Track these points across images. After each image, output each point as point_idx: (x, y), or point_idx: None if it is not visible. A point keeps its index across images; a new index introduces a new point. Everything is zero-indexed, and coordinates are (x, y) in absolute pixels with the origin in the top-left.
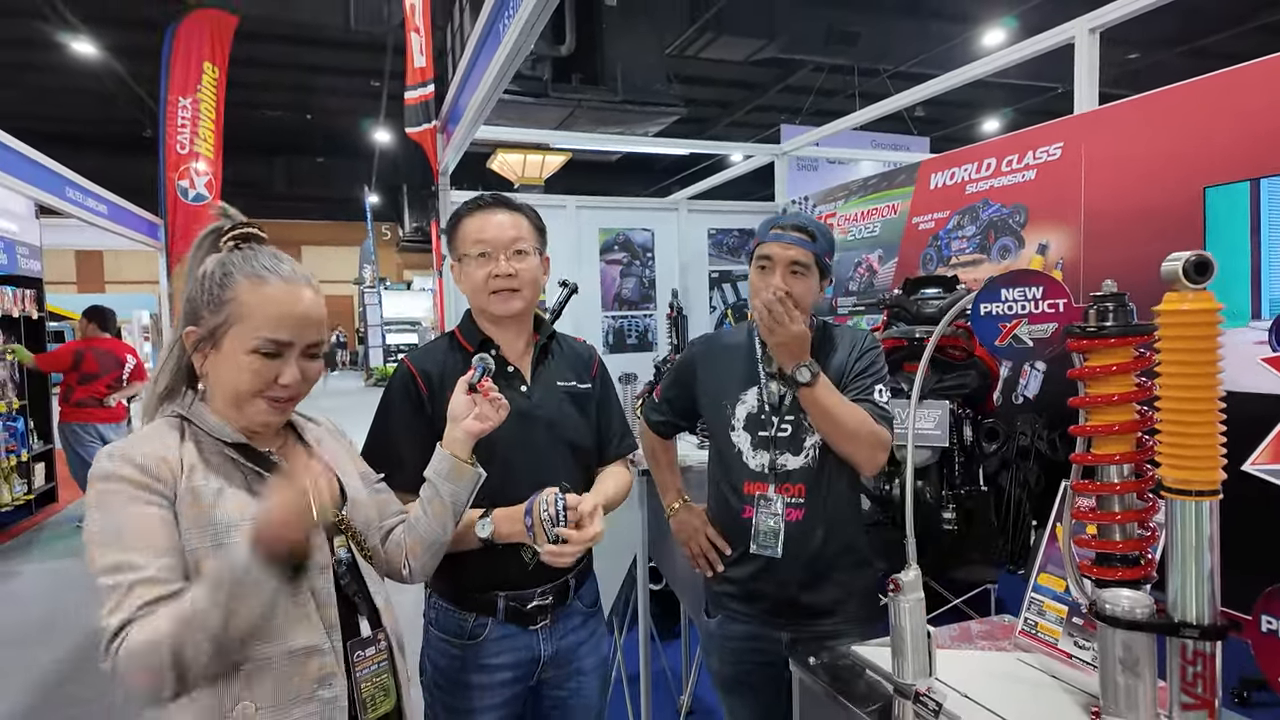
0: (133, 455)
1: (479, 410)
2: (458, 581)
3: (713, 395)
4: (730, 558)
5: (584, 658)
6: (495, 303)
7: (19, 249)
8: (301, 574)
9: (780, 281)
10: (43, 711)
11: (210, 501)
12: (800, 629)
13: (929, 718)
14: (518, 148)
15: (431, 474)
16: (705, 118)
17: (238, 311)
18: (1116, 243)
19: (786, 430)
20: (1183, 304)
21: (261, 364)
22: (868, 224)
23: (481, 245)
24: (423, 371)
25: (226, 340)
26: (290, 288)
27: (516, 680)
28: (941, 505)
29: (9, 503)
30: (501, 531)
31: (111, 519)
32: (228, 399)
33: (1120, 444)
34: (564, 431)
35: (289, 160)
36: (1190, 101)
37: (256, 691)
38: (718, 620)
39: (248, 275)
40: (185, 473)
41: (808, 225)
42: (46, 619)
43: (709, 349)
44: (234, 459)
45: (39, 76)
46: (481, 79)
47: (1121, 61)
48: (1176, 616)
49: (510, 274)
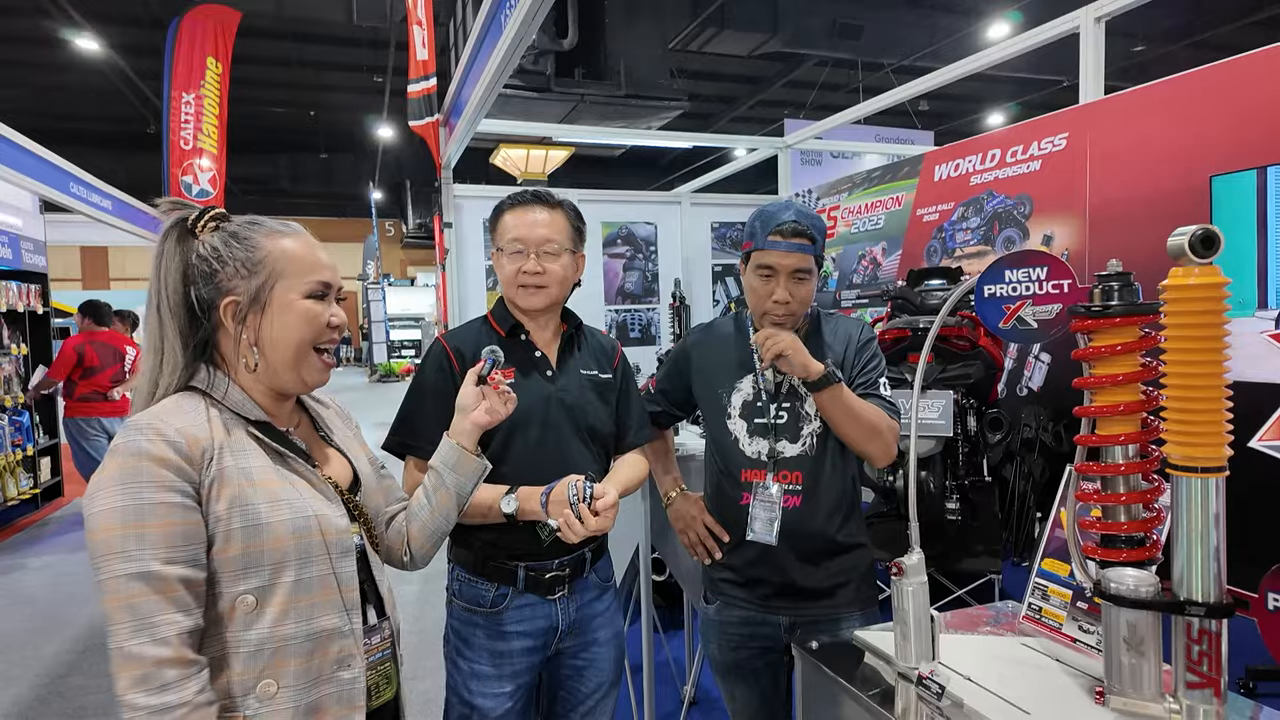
0: (164, 430)
1: (488, 403)
2: (479, 553)
3: (708, 384)
4: (728, 545)
5: (599, 629)
6: (521, 296)
7: (24, 244)
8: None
9: (785, 294)
10: (48, 703)
11: (242, 481)
12: (798, 613)
13: (932, 701)
14: (521, 143)
15: (438, 463)
16: (709, 113)
17: (277, 266)
18: (1122, 232)
19: (783, 418)
20: (1189, 279)
21: (318, 306)
22: (872, 216)
23: (516, 243)
24: (456, 349)
25: (275, 295)
26: (306, 237)
27: (535, 649)
28: (946, 496)
29: (14, 497)
30: (525, 508)
31: (134, 500)
32: (286, 361)
33: (1125, 424)
34: (585, 416)
35: (293, 157)
36: (1196, 90)
37: (279, 670)
38: (716, 606)
39: (266, 234)
40: (216, 452)
41: (807, 229)
42: (51, 612)
43: (702, 339)
44: (257, 437)
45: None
46: (484, 70)
47: (1127, 54)
48: (1182, 595)
49: (538, 271)
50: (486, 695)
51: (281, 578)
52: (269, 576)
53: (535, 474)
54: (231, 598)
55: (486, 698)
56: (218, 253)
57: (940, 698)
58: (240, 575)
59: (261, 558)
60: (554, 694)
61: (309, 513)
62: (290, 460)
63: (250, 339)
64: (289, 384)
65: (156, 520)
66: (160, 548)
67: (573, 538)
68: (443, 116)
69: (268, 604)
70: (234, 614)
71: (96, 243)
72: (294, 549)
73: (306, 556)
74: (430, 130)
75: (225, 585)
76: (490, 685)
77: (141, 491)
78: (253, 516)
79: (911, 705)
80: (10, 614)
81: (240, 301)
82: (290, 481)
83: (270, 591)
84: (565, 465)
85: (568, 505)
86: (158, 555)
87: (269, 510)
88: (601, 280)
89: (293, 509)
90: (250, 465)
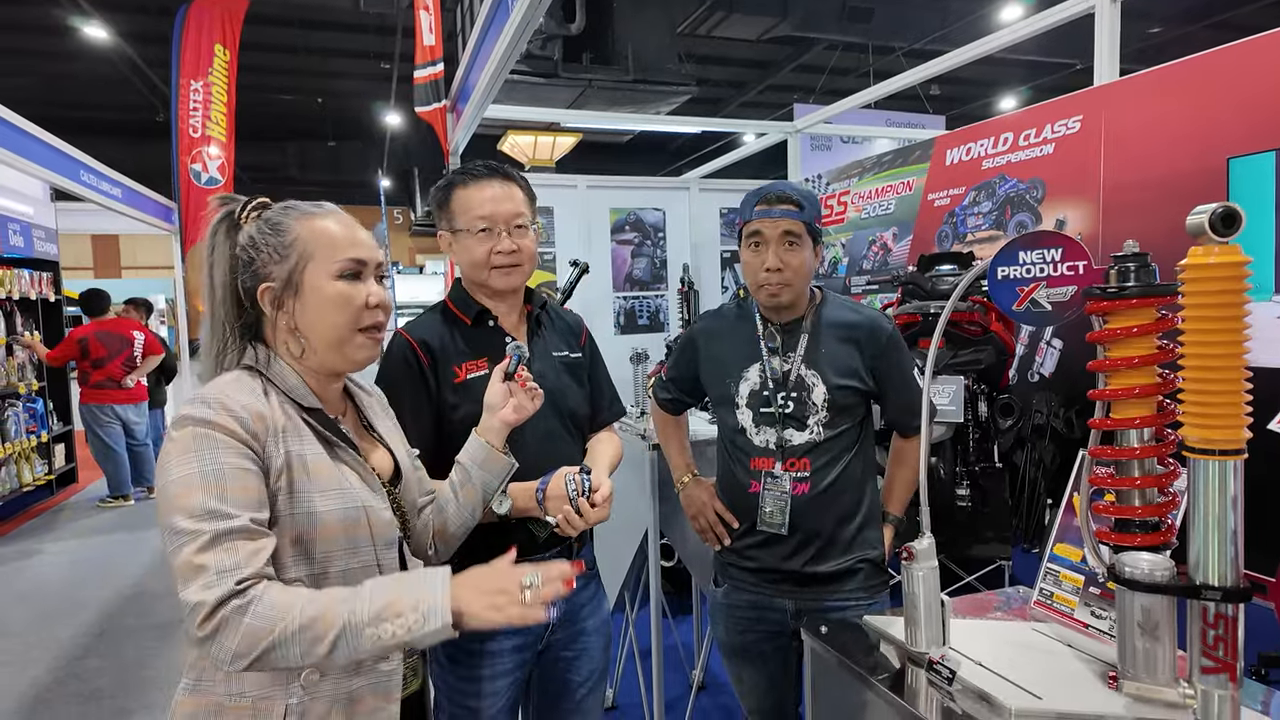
0: (230, 405)
1: (515, 400)
2: (471, 553)
3: (716, 373)
4: (738, 531)
5: (587, 618)
6: (496, 278)
7: (35, 232)
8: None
9: (776, 259)
10: (64, 684)
11: (299, 468)
12: (805, 600)
13: (942, 685)
14: (528, 129)
15: (466, 460)
16: (718, 98)
17: (307, 248)
18: (1136, 216)
19: (789, 406)
20: (1209, 257)
21: (350, 287)
22: (882, 201)
23: (483, 221)
24: (421, 341)
25: (307, 278)
26: (340, 215)
27: (527, 645)
28: (956, 482)
29: (29, 483)
30: (518, 506)
31: (212, 463)
32: (328, 342)
33: (1141, 408)
34: (563, 402)
35: (301, 145)
36: (1213, 71)
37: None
38: (724, 589)
39: (298, 217)
40: (279, 434)
41: (792, 194)
42: (67, 596)
43: (710, 326)
44: (311, 424)
45: (52, 62)
46: (491, 55)
47: (1143, 36)
48: (1198, 579)
49: (514, 250)
50: (476, 695)
51: (330, 567)
52: (319, 565)
53: (525, 467)
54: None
55: (476, 698)
56: (254, 240)
57: (951, 682)
58: (291, 563)
59: (313, 546)
60: (546, 687)
61: (358, 503)
62: (340, 450)
63: (289, 324)
64: (337, 364)
65: (234, 483)
66: (241, 507)
67: (572, 532)
68: (450, 102)
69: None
70: None
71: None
72: (343, 539)
73: (354, 547)
74: (437, 116)
75: (277, 572)
76: (480, 685)
77: (218, 454)
78: (307, 504)
79: (922, 689)
80: (26, 598)
81: (275, 287)
82: (341, 472)
83: (319, 581)
84: (551, 455)
85: (566, 500)
86: (241, 515)
87: (322, 499)
88: (609, 267)
89: (344, 499)
90: (306, 452)
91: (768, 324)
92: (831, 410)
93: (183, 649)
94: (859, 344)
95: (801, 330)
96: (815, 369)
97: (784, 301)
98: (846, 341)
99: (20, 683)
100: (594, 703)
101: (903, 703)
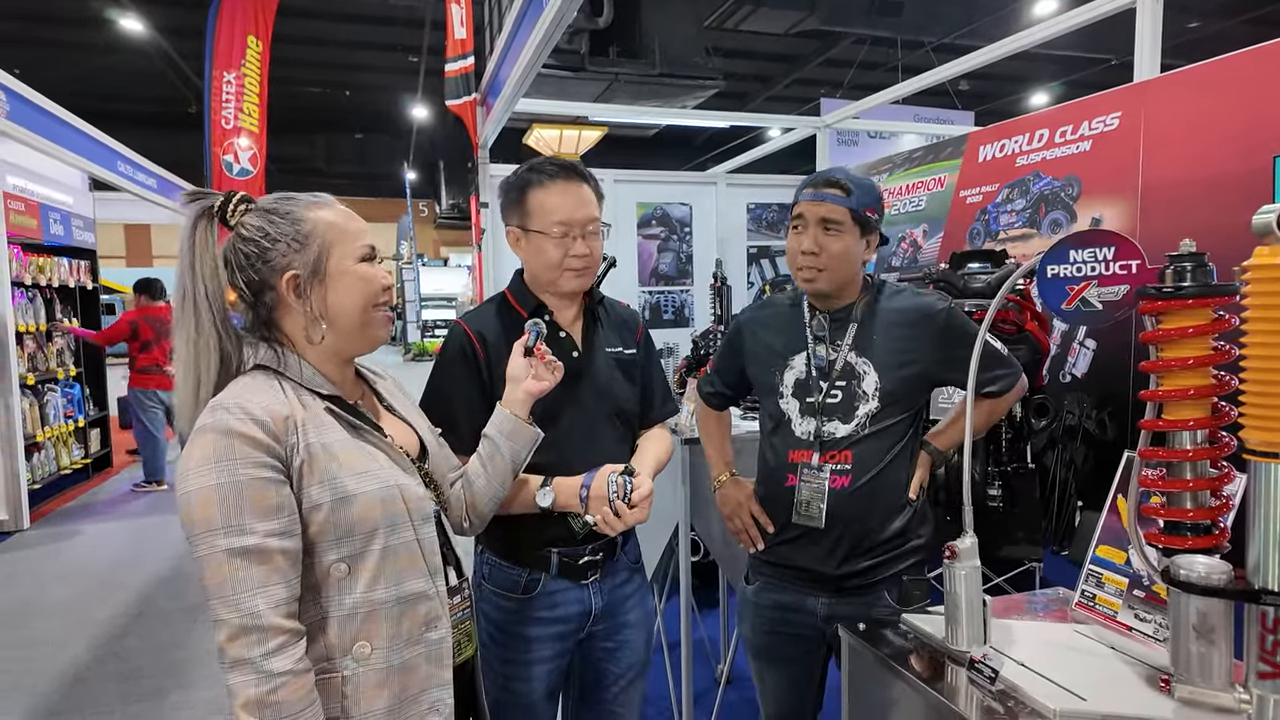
0: (252, 410)
1: (536, 371)
2: (513, 540)
3: (761, 363)
4: (772, 532)
5: (629, 611)
6: (569, 280)
7: (74, 221)
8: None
9: (812, 243)
10: (104, 663)
11: (326, 456)
12: (837, 603)
13: (984, 684)
14: (554, 123)
15: (494, 431)
16: (744, 92)
17: (327, 236)
18: (1176, 215)
19: (836, 396)
20: (1276, 258)
21: (371, 269)
22: (913, 198)
23: (561, 226)
24: (478, 333)
25: (331, 263)
26: (341, 206)
27: (568, 633)
28: (987, 482)
29: (67, 467)
30: (561, 501)
31: (229, 476)
32: (354, 323)
33: (1195, 409)
34: (613, 398)
35: (328, 137)
36: (1258, 67)
37: (372, 633)
38: (755, 587)
39: (306, 207)
40: (301, 429)
41: (841, 180)
42: (104, 577)
43: (756, 316)
44: (333, 411)
45: (89, 54)
46: (523, 49)
47: (1181, 30)
48: (1257, 583)
49: (588, 254)
50: (519, 679)
51: (371, 545)
52: (360, 545)
53: (566, 458)
54: (325, 566)
55: (520, 681)
56: (264, 231)
57: (994, 681)
58: (333, 545)
59: (352, 528)
60: (585, 676)
61: (391, 482)
62: (365, 432)
63: (315, 310)
64: (359, 346)
65: (253, 495)
66: (259, 522)
67: (610, 531)
68: (480, 95)
69: (360, 571)
70: (329, 581)
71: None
72: (381, 518)
73: (392, 525)
74: (468, 109)
75: (320, 555)
76: (522, 670)
77: (237, 468)
78: (340, 489)
79: (962, 688)
80: (65, 579)
81: (301, 274)
82: (369, 453)
83: (361, 559)
84: (596, 450)
85: (606, 502)
86: (257, 530)
87: (355, 482)
88: (636, 261)
89: (377, 479)
90: (330, 440)
91: (816, 312)
92: (883, 400)
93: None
94: (917, 327)
95: (851, 319)
96: (866, 356)
97: (821, 288)
98: (904, 326)
99: (60, 661)
100: (633, 695)
101: (945, 700)
